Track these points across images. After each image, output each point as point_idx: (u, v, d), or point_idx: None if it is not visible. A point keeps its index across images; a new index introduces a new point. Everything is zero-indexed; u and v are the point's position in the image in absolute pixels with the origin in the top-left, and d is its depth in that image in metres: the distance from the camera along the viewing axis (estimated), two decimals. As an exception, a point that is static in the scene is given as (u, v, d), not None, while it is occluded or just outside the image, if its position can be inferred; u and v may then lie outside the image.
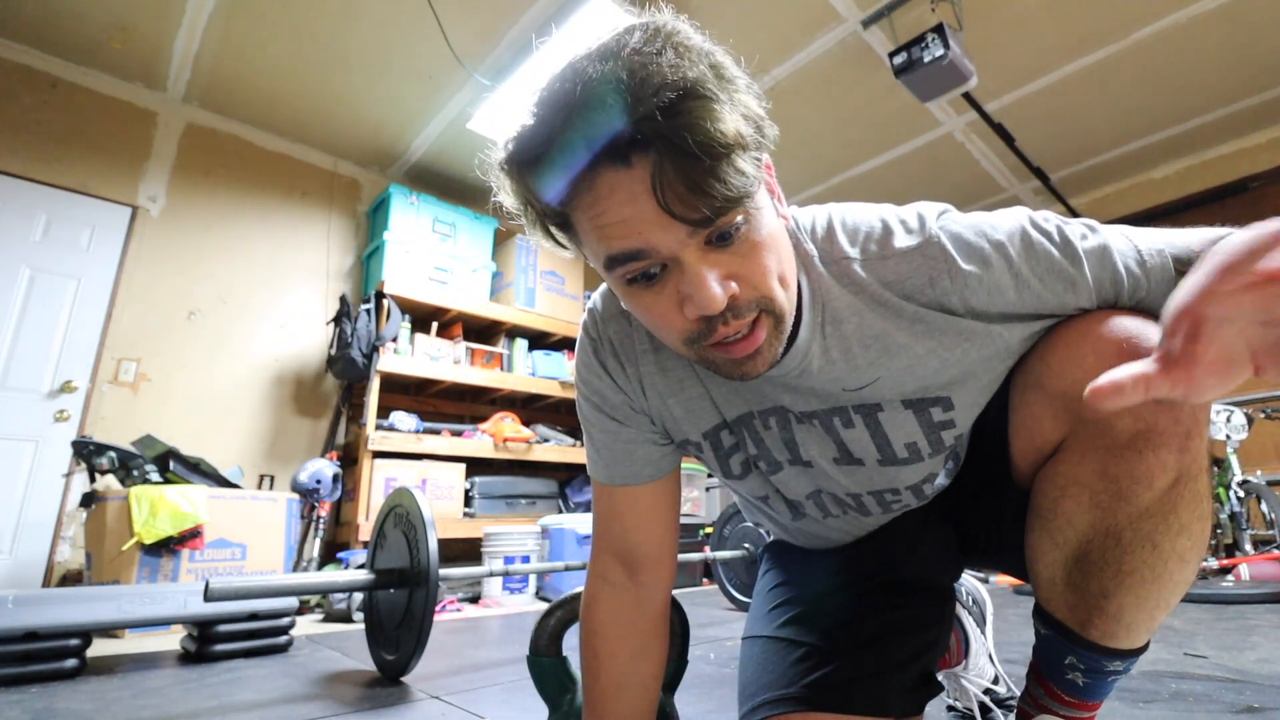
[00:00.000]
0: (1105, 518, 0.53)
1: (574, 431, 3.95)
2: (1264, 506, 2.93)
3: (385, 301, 3.15)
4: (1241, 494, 2.94)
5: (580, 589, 0.81)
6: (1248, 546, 2.83)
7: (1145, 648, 0.57)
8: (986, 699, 0.90)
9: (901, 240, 0.56)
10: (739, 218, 0.46)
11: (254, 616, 1.69)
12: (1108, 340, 0.51)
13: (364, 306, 3.15)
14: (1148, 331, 0.50)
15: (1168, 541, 0.51)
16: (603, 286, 0.70)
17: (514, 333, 3.71)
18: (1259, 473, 3.16)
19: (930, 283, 0.55)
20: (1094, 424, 0.52)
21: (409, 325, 3.31)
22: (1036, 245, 0.54)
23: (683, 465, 0.77)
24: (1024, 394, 0.58)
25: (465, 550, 3.29)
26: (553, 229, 0.51)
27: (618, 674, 0.69)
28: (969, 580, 1.01)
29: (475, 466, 3.37)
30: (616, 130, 0.42)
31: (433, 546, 1.31)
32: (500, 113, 3.14)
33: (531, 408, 4.00)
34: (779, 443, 0.67)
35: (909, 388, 0.59)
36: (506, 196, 0.51)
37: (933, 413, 0.61)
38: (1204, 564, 2.65)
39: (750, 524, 2.36)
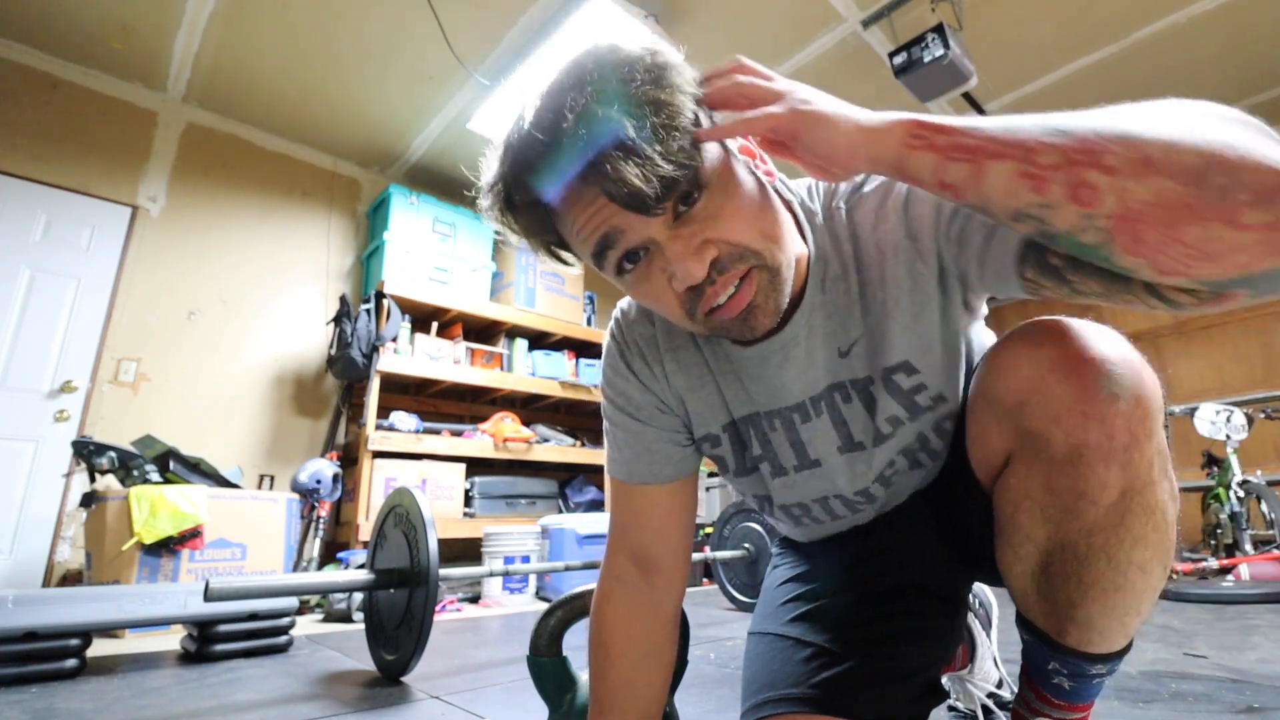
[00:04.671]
0: (1058, 531, 0.52)
1: (574, 431, 3.95)
2: (1264, 506, 2.94)
3: (385, 301, 3.15)
4: (1241, 494, 2.95)
5: (581, 588, 0.81)
6: (1248, 546, 2.83)
7: (1127, 650, 0.57)
8: (990, 702, 0.90)
9: (870, 183, 0.61)
10: (692, 189, 0.49)
11: (254, 616, 1.68)
12: (1043, 351, 0.51)
13: (364, 306, 3.15)
14: (1086, 341, 0.49)
15: (1123, 554, 0.50)
16: (623, 299, 0.74)
17: (514, 333, 3.72)
18: (1259, 473, 3.16)
19: (882, 213, 0.58)
20: (1034, 436, 0.51)
21: (409, 325, 3.31)
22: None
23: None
24: (975, 403, 0.58)
25: (465, 550, 3.30)
26: (554, 249, 0.58)
27: (627, 672, 0.69)
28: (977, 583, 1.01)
29: (475, 466, 3.37)
30: (563, 160, 0.48)
31: (433, 546, 1.32)
32: (500, 113, 3.14)
33: (531, 408, 4.00)
34: (786, 445, 0.68)
35: (884, 344, 0.61)
36: (511, 235, 0.57)
37: (899, 380, 0.62)
38: (1203, 564, 2.65)
39: (751, 524, 2.36)
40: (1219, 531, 3.07)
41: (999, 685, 0.94)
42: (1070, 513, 0.50)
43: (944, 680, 0.94)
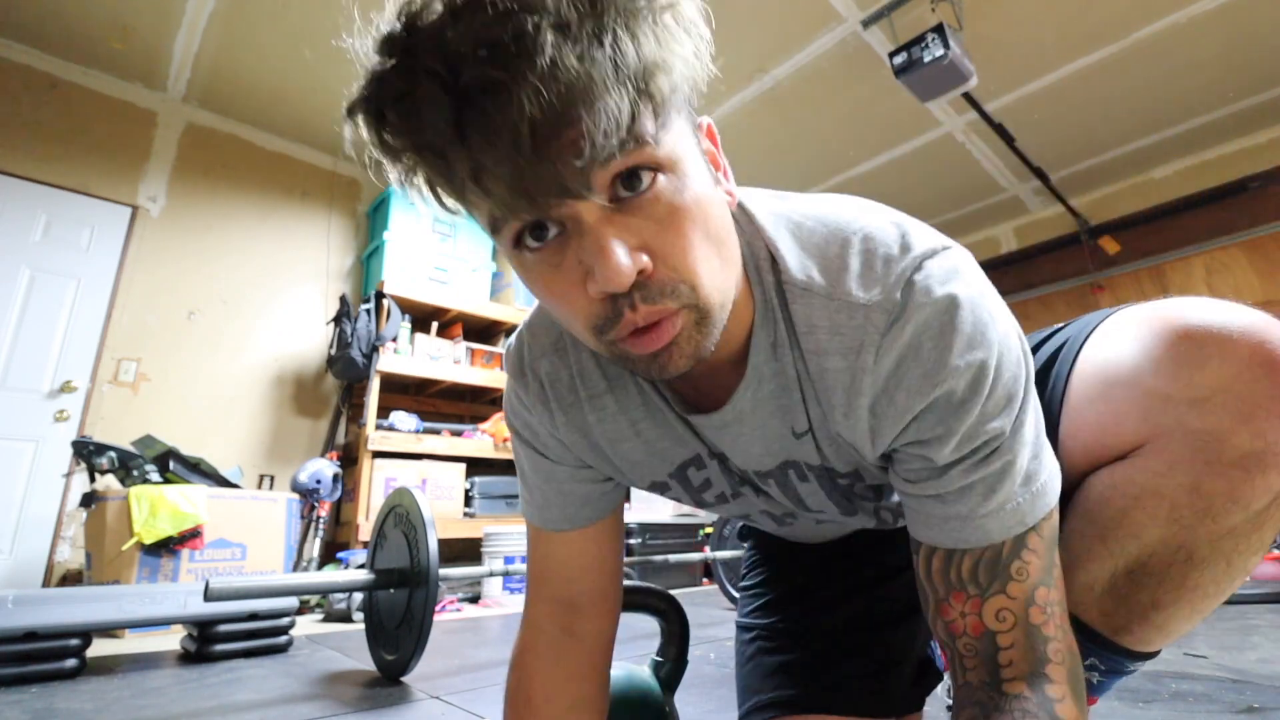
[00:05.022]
0: (1181, 534, 0.48)
1: (574, 431, 3.94)
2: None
3: (385, 301, 3.15)
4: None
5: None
6: (1248, 546, 2.83)
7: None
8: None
9: (856, 285, 0.46)
10: (647, 169, 0.37)
11: (254, 616, 1.68)
12: (1240, 342, 0.45)
13: (364, 306, 3.15)
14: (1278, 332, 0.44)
15: (1241, 559, 0.48)
16: (533, 309, 0.61)
17: (514, 333, 3.71)
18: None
19: (856, 349, 0.46)
20: (1202, 435, 0.46)
21: (409, 325, 3.31)
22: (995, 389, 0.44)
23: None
24: (1110, 388, 0.51)
25: (465, 550, 3.29)
26: (438, 192, 0.40)
27: None
28: None
29: (475, 466, 3.37)
30: (479, 76, 0.33)
31: (433, 546, 1.31)
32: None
33: (531, 408, 4.00)
34: (743, 476, 0.61)
35: (840, 446, 0.52)
36: (387, 163, 0.40)
37: (852, 486, 0.57)
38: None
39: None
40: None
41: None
42: (1210, 516, 0.46)
43: (945, 675, 0.94)
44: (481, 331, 3.74)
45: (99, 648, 1.73)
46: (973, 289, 0.44)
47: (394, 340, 3.16)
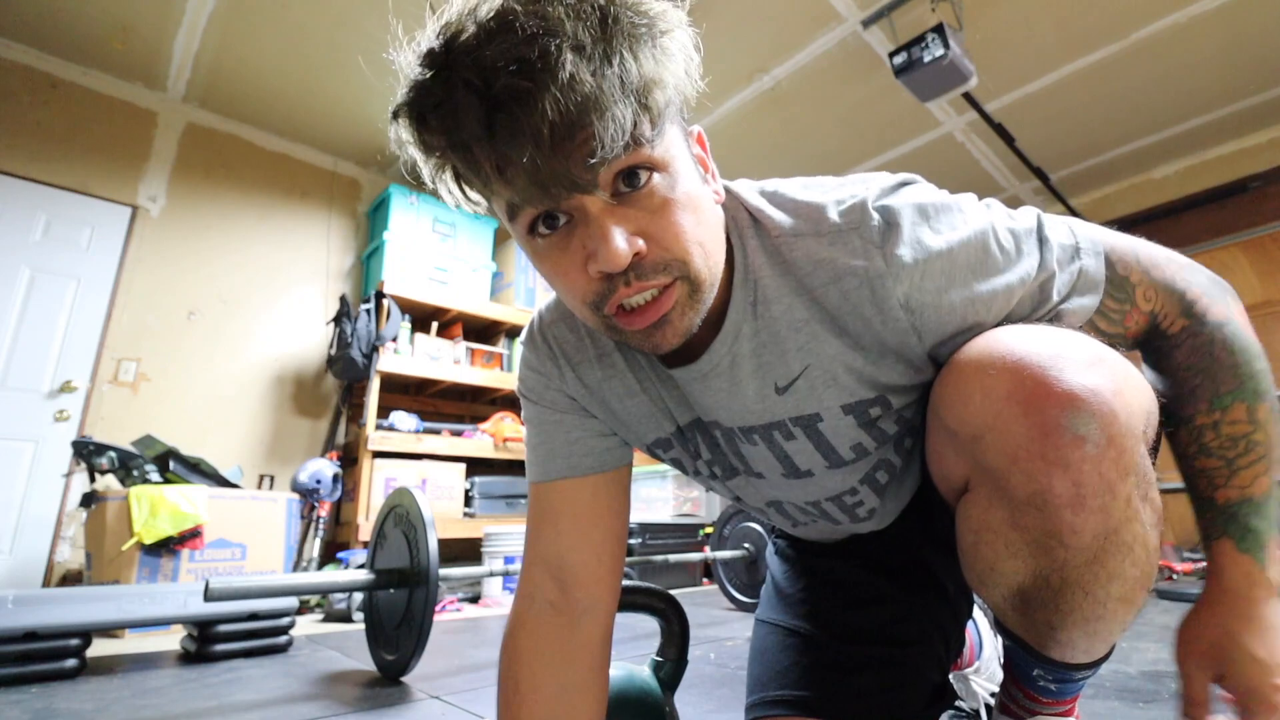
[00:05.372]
0: (1028, 565, 0.47)
1: (574, 431, 3.94)
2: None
3: (385, 301, 3.15)
4: (1241, 494, 2.94)
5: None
6: (1248, 546, 2.82)
7: (1111, 652, 0.55)
8: (994, 701, 0.90)
9: (836, 216, 0.51)
10: (644, 168, 0.44)
11: (254, 616, 1.68)
12: (997, 379, 0.45)
13: (364, 306, 3.15)
14: (1046, 368, 0.43)
15: (1100, 589, 0.46)
16: (548, 300, 0.68)
17: (514, 333, 3.71)
18: (1259, 473, 3.15)
19: (863, 259, 0.51)
20: (992, 473, 0.46)
21: (409, 325, 3.31)
22: (990, 256, 0.51)
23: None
24: (931, 421, 0.53)
25: (465, 550, 3.29)
26: (464, 185, 0.48)
27: (542, 712, 0.58)
28: None
29: (475, 466, 3.37)
30: (509, 85, 0.39)
31: (433, 546, 1.31)
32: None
33: (531, 408, 3.99)
34: (733, 451, 0.64)
35: (842, 384, 0.55)
36: (421, 160, 0.49)
37: (871, 411, 0.57)
38: (1203, 564, 2.64)
39: (751, 524, 2.36)
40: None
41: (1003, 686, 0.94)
42: (1040, 549, 0.46)
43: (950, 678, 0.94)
44: (481, 331, 3.74)
45: (99, 648, 1.73)
46: (937, 192, 0.52)
47: (394, 340, 3.16)
